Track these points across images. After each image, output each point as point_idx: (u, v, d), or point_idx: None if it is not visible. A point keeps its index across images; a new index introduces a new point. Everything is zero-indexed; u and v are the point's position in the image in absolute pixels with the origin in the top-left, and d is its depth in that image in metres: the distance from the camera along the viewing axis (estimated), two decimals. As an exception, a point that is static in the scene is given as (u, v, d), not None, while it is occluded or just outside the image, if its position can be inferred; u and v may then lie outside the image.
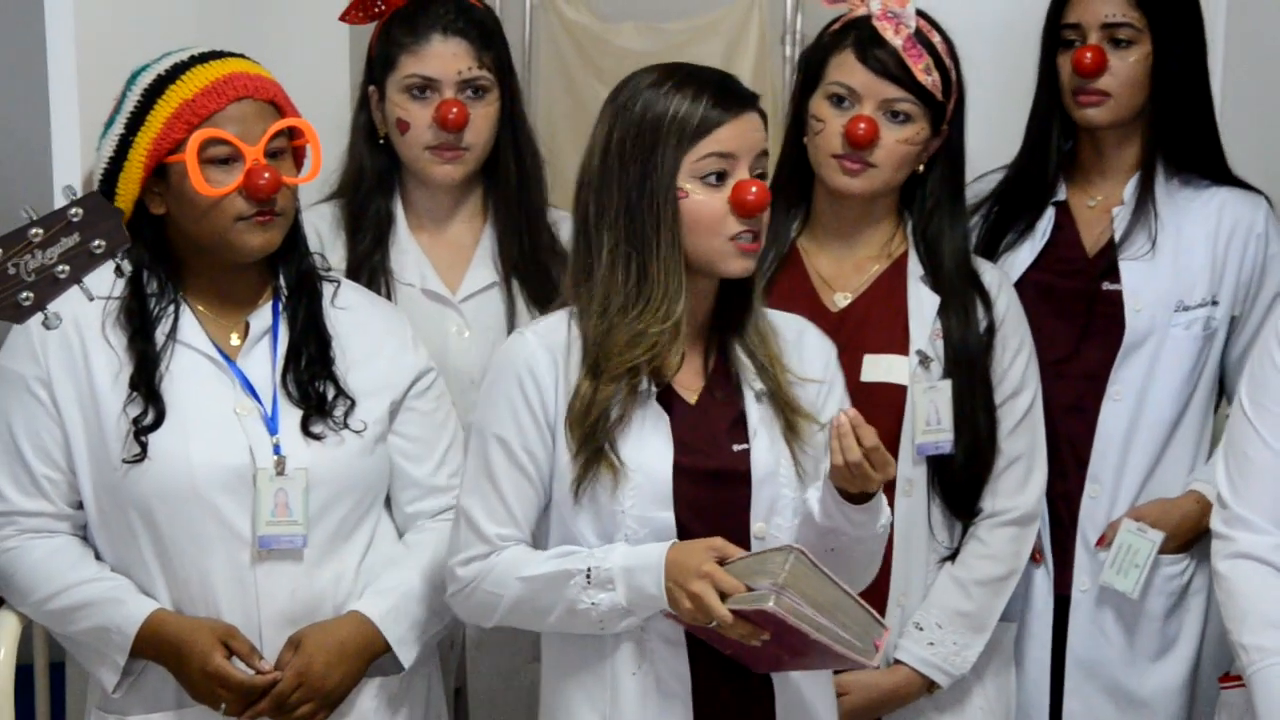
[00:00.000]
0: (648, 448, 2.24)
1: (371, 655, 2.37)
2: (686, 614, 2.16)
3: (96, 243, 1.92)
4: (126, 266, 2.03)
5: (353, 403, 2.41)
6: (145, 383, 2.31)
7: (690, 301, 2.22)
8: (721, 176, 2.21)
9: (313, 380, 2.39)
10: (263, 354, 2.39)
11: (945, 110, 2.60)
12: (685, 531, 2.24)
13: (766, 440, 2.27)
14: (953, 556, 2.64)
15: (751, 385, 2.28)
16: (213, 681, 2.28)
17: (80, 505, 2.36)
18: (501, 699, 2.76)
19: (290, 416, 2.37)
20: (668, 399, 2.26)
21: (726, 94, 2.22)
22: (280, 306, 2.41)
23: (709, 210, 2.21)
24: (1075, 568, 2.83)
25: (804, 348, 2.34)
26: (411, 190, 2.79)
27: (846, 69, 2.57)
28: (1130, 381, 2.80)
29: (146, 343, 2.32)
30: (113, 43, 2.58)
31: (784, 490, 2.28)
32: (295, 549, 2.34)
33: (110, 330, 2.33)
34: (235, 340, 2.38)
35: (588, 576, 2.19)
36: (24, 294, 1.90)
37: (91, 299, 1.94)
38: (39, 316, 1.90)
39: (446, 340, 2.73)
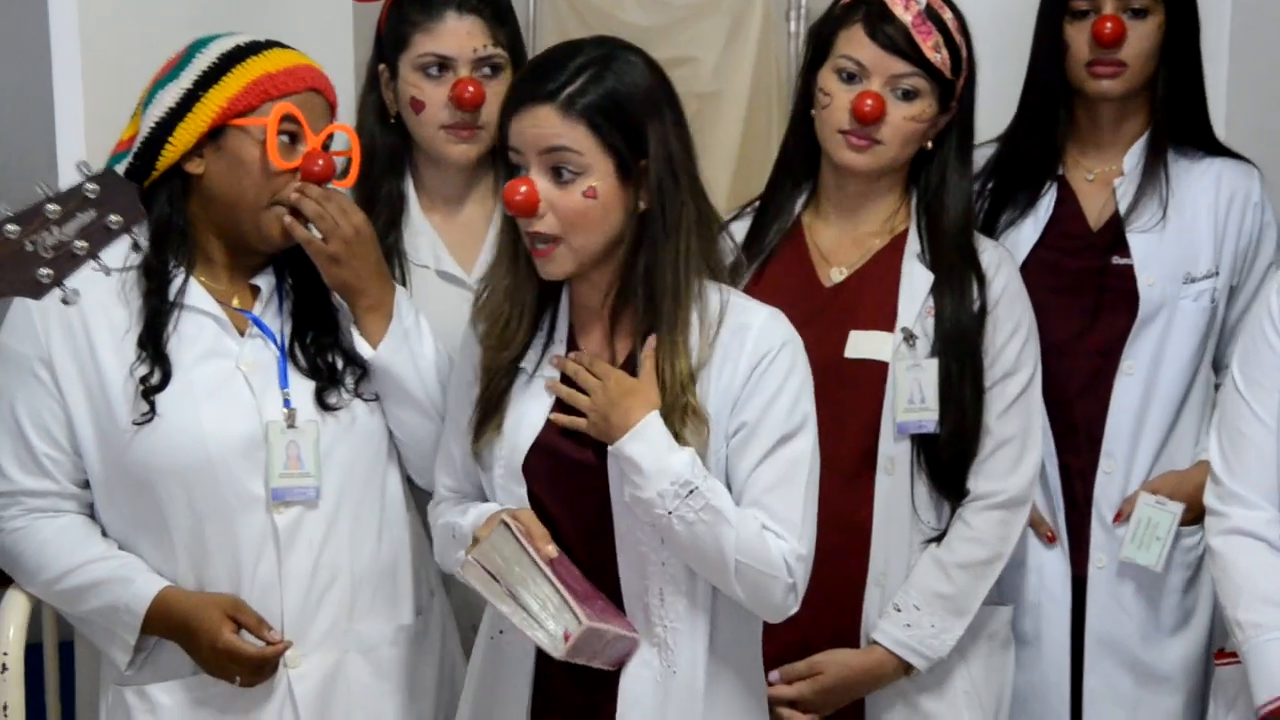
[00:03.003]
0: (522, 420, 2.27)
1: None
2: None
3: (113, 218, 1.95)
4: (144, 241, 2.04)
5: (363, 371, 2.45)
6: (153, 342, 2.34)
7: (536, 285, 2.27)
8: (514, 171, 2.22)
9: (321, 351, 2.44)
10: (272, 311, 2.43)
11: (954, 87, 2.61)
12: (542, 512, 2.27)
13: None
14: (939, 538, 2.63)
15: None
16: (223, 657, 2.33)
17: (86, 484, 2.40)
18: None
19: (301, 382, 2.41)
20: (571, 380, 2.27)
21: (516, 88, 2.25)
22: (284, 273, 2.45)
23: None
24: (1091, 545, 2.85)
25: (733, 343, 2.25)
26: (424, 170, 2.80)
27: (855, 44, 2.59)
28: (1143, 356, 2.82)
29: (162, 302, 2.35)
30: (115, 24, 2.60)
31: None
32: (309, 500, 2.38)
33: (127, 292, 2.36)
34: (237, 303, 2.42)
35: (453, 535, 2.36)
36: (43, 270, 1.93)
37: (108, 274, 1.97)
38: (57, 292, 1.92)
39: (461, 322, 2.74)
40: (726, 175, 3.53)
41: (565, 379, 2.27)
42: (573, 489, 2.26)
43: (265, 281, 2.44)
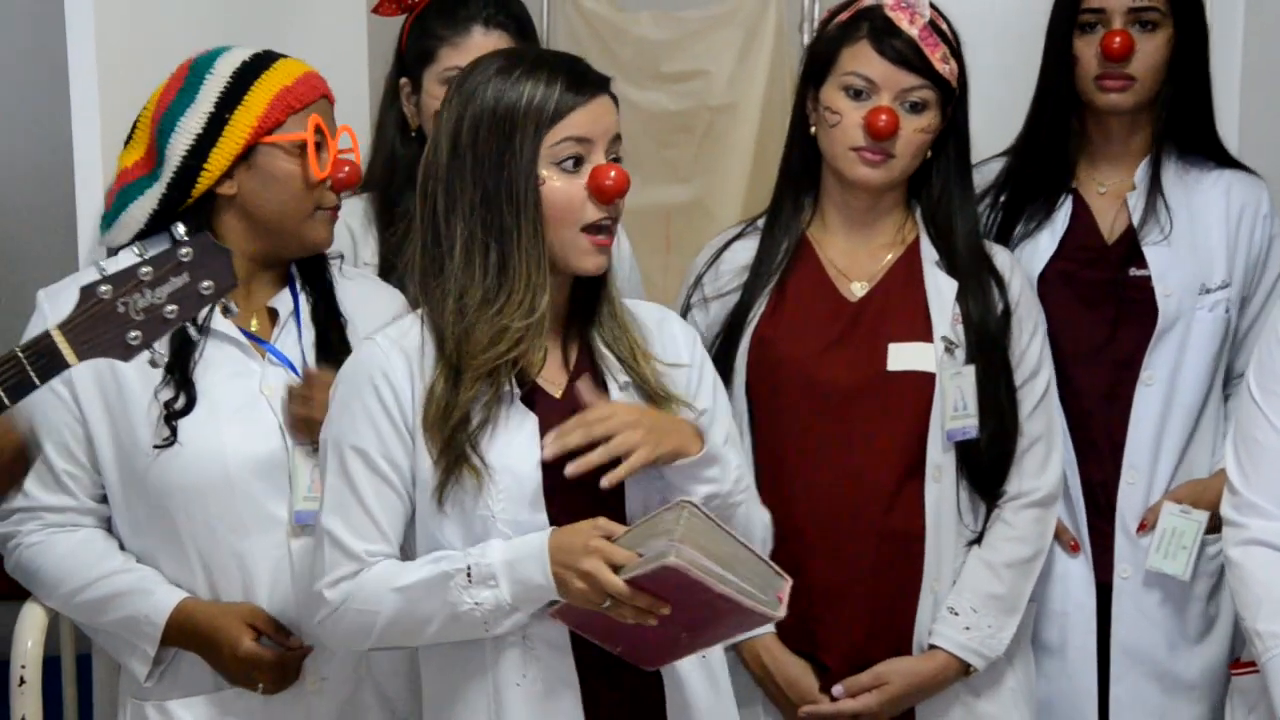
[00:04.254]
0: (513, 448, 2.16)
1: None
2: (579, 596, 2.08)
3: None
4: (234, 307, 2.03)
5: None
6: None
7: (552, 294, 2.16)
8: (578, 162, 2.15)
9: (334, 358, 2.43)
10: (290, 338, 2.43)
11: (954, 96, 2.62)
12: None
13: None
14: (978, 540, 2.66)
15: (615, 377, 2.22)
16: (245, 665, 2.34)
17: (103, 498, 2.41)
18: None
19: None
20: (532, 396, 2.19)
21: (578, 78, 2.16)
22: (298, 291, 2.45)
23: (566, 197, 2.14)
24: (1116, 555, 2.86)
25: (666, 335, 2.29)
26: None
27: (863, 60, 2.59)
28: (1162, 366, 2.83)
29: (193, 326, 2.34)
30: (132, 40, 2.61)
31: (656, 480, 2.18)
32: None
33: None
34: (255, 325, 2.43)
35: (468, 575, 2.10)
36: (133, 333, 1.94)
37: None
38: (145, 355, 1.92)
39: None
40: (740, 187, 3.55)
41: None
42: (583, 498, 2.17)
43: (282, 305, 2.44)
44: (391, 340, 2.18)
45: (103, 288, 1.92)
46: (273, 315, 2.44)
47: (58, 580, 2.40)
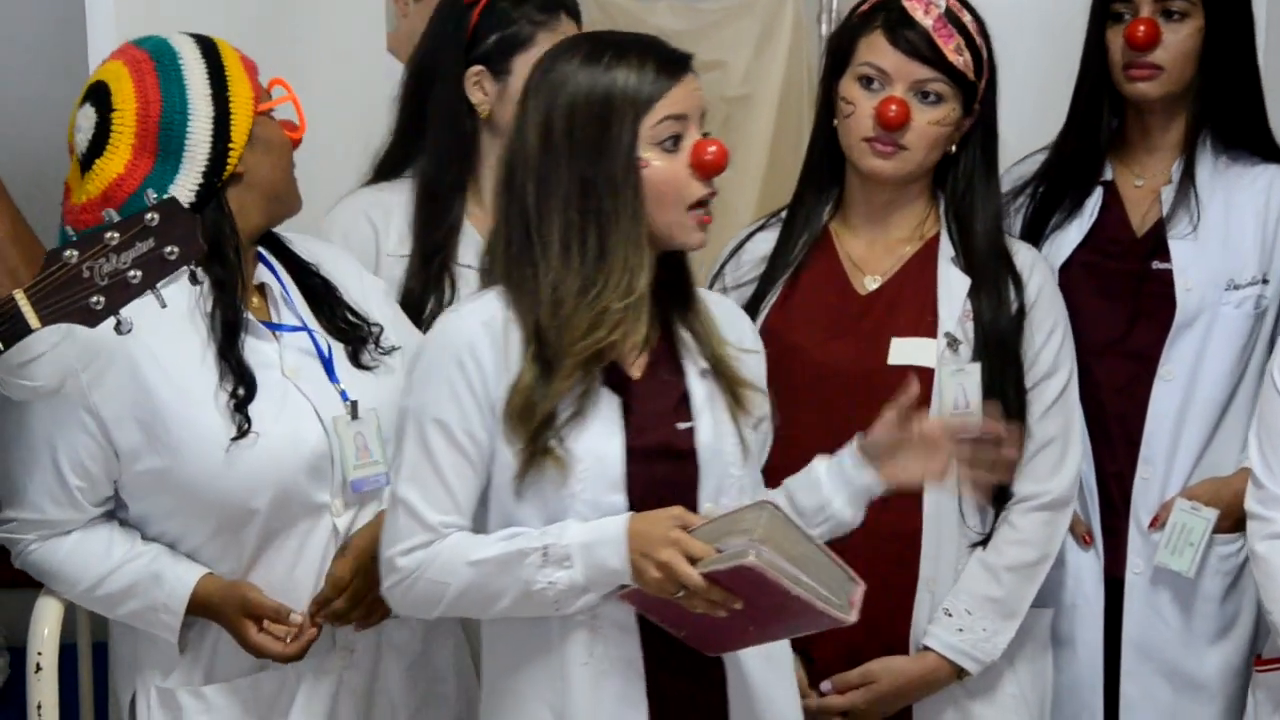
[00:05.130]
0: (598, 432, 2.19)
1: None
2: (654, 585, 2.11)
3: (170, 249, 1.95)
4: (201, 274, 2.02)
5: (381, 327, 2.47)
6: (235, 355, 2.31)
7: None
8: (677, 141, 2.18)
9: (335, 314, 2.44)
10: (288, 310, 2.43)
11: (977, 89, 2.61)
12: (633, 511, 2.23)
13: (710, 418, 2.25)
14: (984, 542, 2.64)
15: (695, 362, 2.25)
16: (255, 653, 2.35)
17: (104, 502, 2.38)
18: None
19: (338, 357, 2.42)
20: (614, 377, 2.22)
21: (666, 57, 2.20)
22: (269, 260, 2.44)
23: (671, 176, 2.17)
24: (1129, 550, 2.84)
25: (733, 321, 2.34)
26: (484, 174, 2.80)
27: (876, 50, 2.59)
28: (1181, 361, 2.81)
29: (236, 314, 2.33)
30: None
31: (730, 469, 2.24)
32: (382, 486, 2.37)
33: (194, 314, 2.32)
34: (256, 302, 2.41)
35: (544, 555, 2.13)
36: (96, 298, 1.92)
37: (164, 306, 1.94)
38: (111, 321, 1.91)
39: None
40: (757, 179, 3.54)
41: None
42: (660, 482, 2.21)
43: (269, 278, 2.43)
44: (477, 316, 2.20)
45: (68, 252, 1.91)
46: (260, 291, 2.43)
47: (71, 580, 2.39)
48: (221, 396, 2.30)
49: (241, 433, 2.30)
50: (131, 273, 1.92)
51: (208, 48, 2.37)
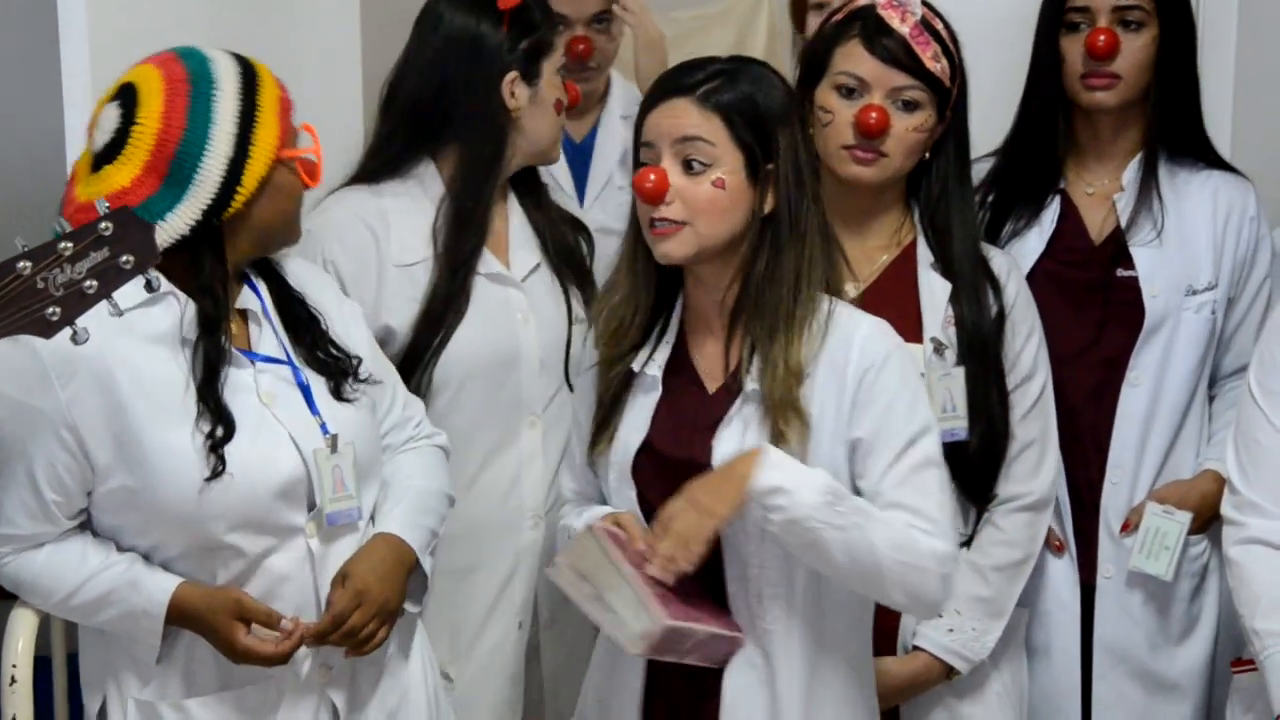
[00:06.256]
0: (631, 424, 2.35)
1: (408, 568, 2.45)
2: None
3: (125, 258, 1.92)
4: (157, 281, 2.00)
5: (360, 359, 2.46)
6: (214, 396, 2.29)
7: (653, 289, 2.34)
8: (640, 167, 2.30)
9: (317, 347, 2.43)
10: (268, 334, 2.41)
11: (950, 96, 2.62)
12: (649, 518, 2.30)
13: (736, 437, 2.29)
14: (968, 543, 2.66)
15: (746, 382, 2.30)
16: (242, 659, 2.33)
17: (78, 514, 2.36)
18: (571, 676, 2.77)
19: (318, 389, 2.40)
20: (682, 382, 2.34)
21: (657, 85, 2.34)
22: (255, 285, 2.42)
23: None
24: (1100, 555, 2.87)
25: (842, 352, 2.30)
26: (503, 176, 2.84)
27: (854, 59, 2.60)
28: (1148, 367, 2.84)
29: (219, 352, 2.31)
30: (126, 39, 2.59)
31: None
32: (354, 521, 2.40)
33: (177, 341, 2.29)
34: (235, 331, 2.40)
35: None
36: (51, 309, 1.90)
37: (120, 314, 1.93)
38: (66, 332, 1.89)
39: (514, 326, 2.77)
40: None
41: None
42: (676, 490, 2.26)
43: (254, 303, 2.41)
44: None
45: (21, 263, 1.89)
46: (242, 316, 2.41)
47: (46, 591, 2.37)
48: (198, 434, 2.28)
49: (215, 474, 2.28)
50: (87, 282, 1.90)
51: (248, 82, 2.32)
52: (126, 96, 2.30)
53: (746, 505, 2.22)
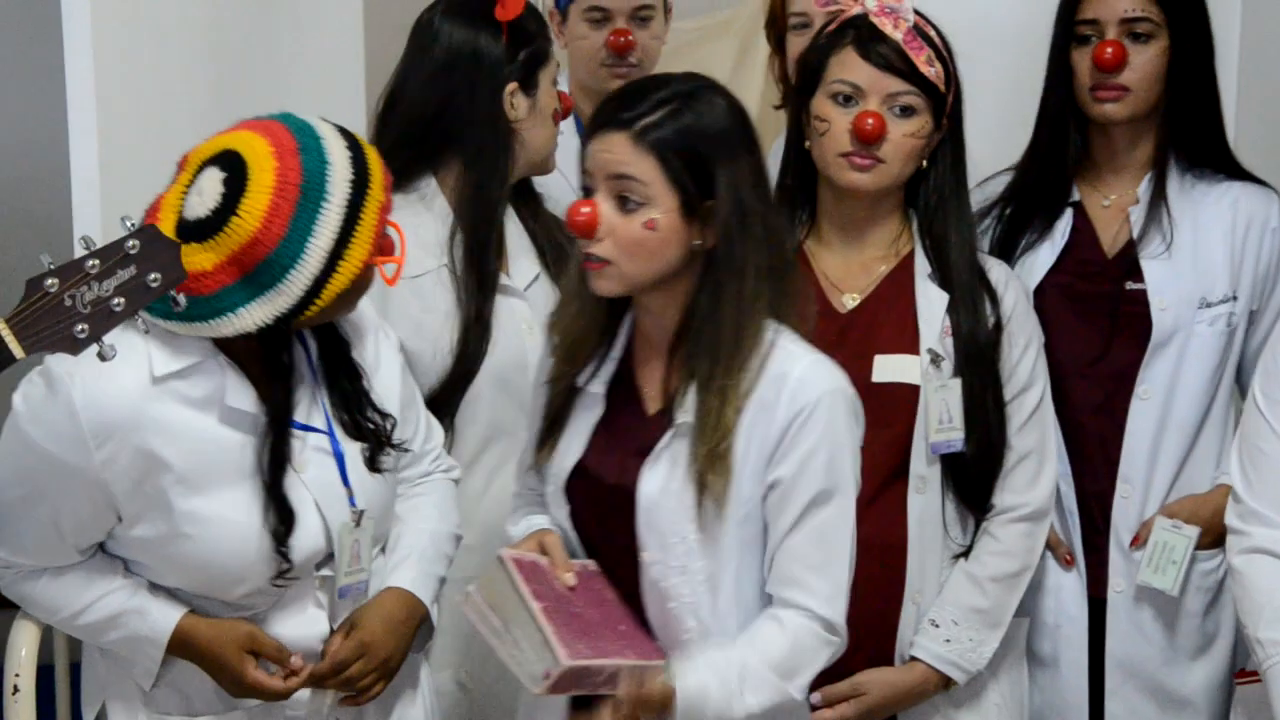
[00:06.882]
0: (569, 441, 2.33)
1: (417, 623, 2.44)
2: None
3: (153, 276, 1.93)
4: (181, 300, 2.00)
5: (395, 421, 2.44)
6: (276, 485, 2.28)
7: (607, 307, 2.30)
8: (588, 192, 2.26)
9: (357, 409, 2.40)
10: (310, 401, 2.37)
11: (945, 102, 2.62)
12: (581, 535, 2.33)
13: (665, 470, 2.26)
14: (965, 553, 2.66)
15: (677, 415, 2.26)
16: (249, 692, 2.33)
17: (91, 547, 2.35)
18: None
19: (352, 458, 2.38)
20: (624, 401, 2.32)
21: (598, 112, 2.28)
22: (305, 345, 2.38)
23: None
24: (1110, 569, 2.85)
25: (782, 387, 2.25)
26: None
27: (849, 66, 2.61)
28: (1158, 380, 2.82)
29: (286, 447, 2.30)
30: (129, 49, 2.61)
31: (678, 525, 2.25)
32: (362, 593, 2.40)
33: (216, 405, 2.26)
34: None
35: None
36: (79, 326, 1.91)
37: (110, 357, 1.93)
38: (94, 348, 1.90)
39: (520, 336, 2.78)
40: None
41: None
42: (606, 512, 2.29)
43: (303, 367, 2.36)
44: None
45: (49, 280, 1.89)
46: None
47: (51, 609, 2.36)
48: (254, 513, 2.28)
49: (281, 574, 2.30)
50: (115, 300, 1.91)
51: (358, 189, 2.24)
52: (234, 171, 2.21)
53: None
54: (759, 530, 2.27)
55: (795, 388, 2.23)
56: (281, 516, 2.29)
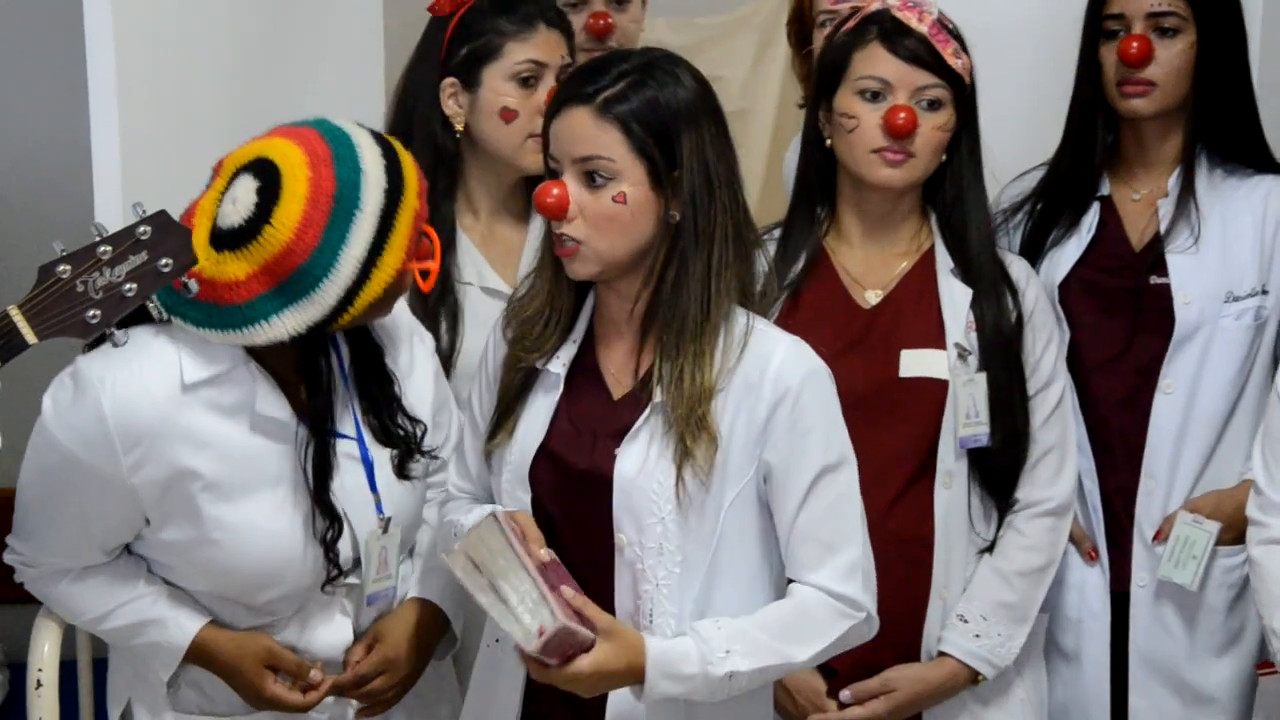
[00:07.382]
0: (529, 424, 2.28)
1: (438, 635, 2.45)
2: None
3: (164, 261, 1.95)
4: (192, 286, 2.00)
5: (425, 427, 2.43)
6: (323, 494, 2.29)
7: (572, 292, 2.27)
8: (553, 175, 2.25)
9: (387, 415, 2.39)
10: (341, 407, 2.36)
11: (967, 95, 2.63)
12: (549, 519, 2.27)
13: (642, 450, 2.23)
14: (989, 548, 2.66)
15: (655, 392, 2.23)
16: (268, 706, 2.34)
17: (117, 548, 2.35)
18: None
19: (381, 464, 2.38)
20: (585, 384, 2.29)
21: (560, 89, 2.28)
22: (338, 350, 2.37)
23: None
24: (1134, 563, 2.84)
25: (766, 368, 2.23)
26: (474, 185, 2.82)
27: (875, 61, 2.60)
28: (1182, 374, 2.81)
29: (331, 455, 2.30)
30: (151, 49, 2.62)
31: (656, 505, 2.22)
32: (389, 599, 2.41)
33: (247, 412, 2.26)
34: (304, 394, 2.35)
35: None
36: (91, 312, 1.92)
37: (121, 344, 1.94)
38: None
39: None
40: (754, 193, 3.52)
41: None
42: (575, 497, 2.26)
43: (334, 371, 2.35)
44: None
45: (61, 267, 1.91)
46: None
47: (74, 610, 2.38)
48: (293, 521, 2.28)
49: (330, 579, 2.31)
50: (126, 286, 1.92)
51: (392, 198, 2.22)
52: (268, 179, 2.19)
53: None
54: (755, 517, 2.25)
55: (780, 367, 2.22)
56: (330, 523, 2.29)
